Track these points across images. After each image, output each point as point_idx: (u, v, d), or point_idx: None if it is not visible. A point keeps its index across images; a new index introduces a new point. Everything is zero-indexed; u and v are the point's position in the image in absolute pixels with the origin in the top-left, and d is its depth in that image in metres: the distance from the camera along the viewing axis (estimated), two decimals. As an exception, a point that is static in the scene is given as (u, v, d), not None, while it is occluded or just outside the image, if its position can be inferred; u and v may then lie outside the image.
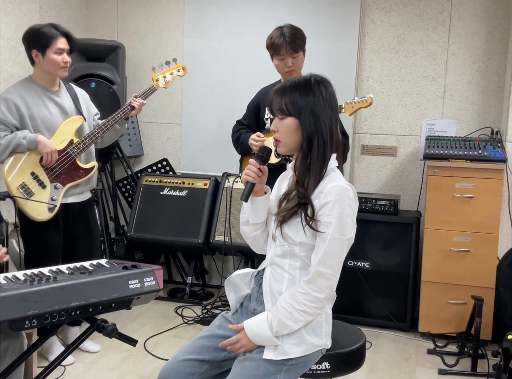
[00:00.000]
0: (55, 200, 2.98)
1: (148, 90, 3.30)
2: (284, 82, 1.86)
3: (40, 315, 1.88)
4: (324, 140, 1.78)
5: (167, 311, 4.02)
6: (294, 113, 1.79)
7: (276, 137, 1.85)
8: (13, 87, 3.01)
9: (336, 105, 1.85)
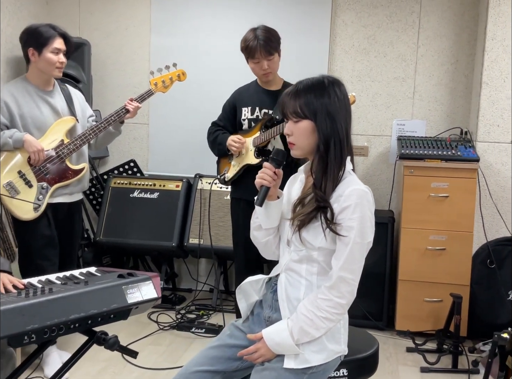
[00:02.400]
0: (41, 199, 2.92)
1: (145, 94, 3.22)
2: (296, 84, 1.80)
3: (39, 329, 1.77)
4: (340, 142, 1.75)
5: (140, 317, 3.89)
6: (310, 115, 1.74)
7: (291, 141, 1.80)
8: (5, 86, 2.97)
9: (350, 106, 1.82)
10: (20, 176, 2.89)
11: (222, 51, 4.25)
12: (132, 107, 3.11)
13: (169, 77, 3.30)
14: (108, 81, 4.52)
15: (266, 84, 3.19)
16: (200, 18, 4.32)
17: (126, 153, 4.56)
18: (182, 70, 3.36)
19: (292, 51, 4.12)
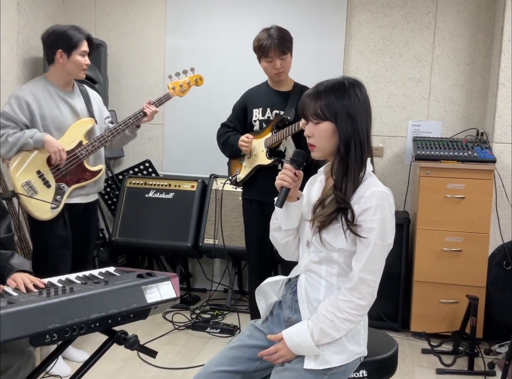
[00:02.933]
0: (59, 200, 2.94)
1: (163, 98, 3.25)
2: (316, 86, 1.81)
3: (61, 328, 1.78)
4: (361, 144, 1.75)
5: (156, 317, 3.91)
6: (330, 117, 1.75)
7: (311, 142, 1.80)
8: (27, 85, 3.00)
9: (370, 107, 1.82)
10: (39, 176, 2.92)
11: (237, 53, 4.26)
12: (149, 111, 3.13)
13: (186, 82, 3.33)
14: (124, 82, 4.55)
15: (277, 85, 3.20)
16: (215, 19, 4.34)
17: (141, 153, 4.58)
18: (199, 75, 3.38)
19: (307, 52, 4.13)
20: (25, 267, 2.19)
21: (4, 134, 2.86)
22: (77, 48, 2.93)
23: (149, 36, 4.49)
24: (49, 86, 2.98)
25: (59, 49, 2.91)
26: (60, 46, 2.91)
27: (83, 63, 2.97)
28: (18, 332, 1.68)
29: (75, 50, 2.92)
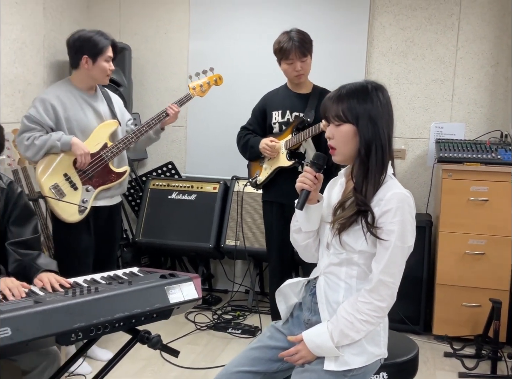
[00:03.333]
0: (86, 202, 2.98)
1: (184, 98, 3.28)
2: (339, 88, 1.82)
3: (86, 327, 1.82)
4: (382, 147, 1.76)
5: (178, 317, 3.95)
6: (352, 119, 1.76)
7: (332, 144, 1.82)
8: (51, 88, 3.04)
9: (392, 111, 1.83)
10: (66, 179, 2.95)
11: (259, 55, 4.28)
12: (172, 111, 3.16)
13: (206, 82, 3.36)
14: (147, 85, 4.61)
15: (296, 87, 3.22)
16: (237, 23, 4.37)
17: (164, 155, 4.63)
18: (219, 75, 3.41)
19: (329, 54, 4.14)
20: (51, 267, 2.24)
21: (31, 137, 2.88)
22: (102, 54, 2.96)
23: (172, 40, 4.54)
24: (73, 89, 3.02)
25: (85, 55, 2.94)
26: (85, 52, 2.94)
27: (107, 69, 3.00)
28: (44, 330, 1.72)
29: (100, 56, 2.95)
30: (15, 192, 2.36)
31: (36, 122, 2.90)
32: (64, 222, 2.97)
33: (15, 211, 2.33)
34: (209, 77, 3.39)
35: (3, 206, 2.30)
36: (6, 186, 2.32)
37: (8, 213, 2.31)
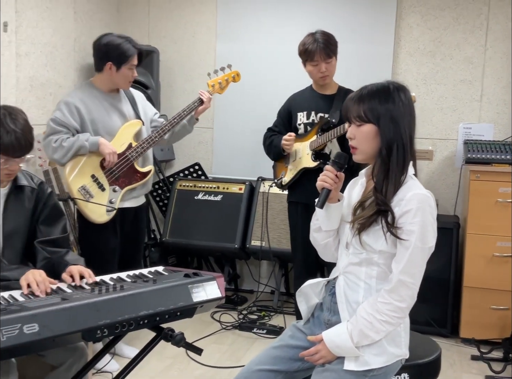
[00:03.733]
0: (113, 202, 3.02)
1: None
2: (361, 89, 1.83)
3: (111, 324, 1.86)
4: (404, 147, 1.76)
5: (203, 316, 3.99)
6: (373, 120, 1.77)
7: (353, 145, 1.83)
8: (75, 91, 3.07)
9: (414, 111, 1.83)
10: (94, 180, 2.99)
11: (284, 56, 4.29)
12: (206, 96, 3.20)
13: (225, 79, 3.39)
14: (176, 87, 4.66)
15: (321, 88, 3.22)
16: (264, 25, 4.39)
17: (191, 156, 4.68)
18: (237, 71, 3.45)
19: (356, 56, 4.14)
20: (79, 263, 2.29)
21: (58, 140, 2.91)
22: (127, 62, 2.97)
23: (200, 42, 4.59)
24: (96, 91, 3.04)
25: (110, 61, 2.96)
26: (111, 59, 2.95)
27: (130, 76, 3.02)
28: (71, 327, 1.77)
29: (125, 64, 2.97)
30: (45, 192, 2.42)
31: (62, 124, 2.93)
32: (92, 223, 3.00)
33: (45, 210, 2.39)
34: (227, 74, 3.42)
35: (33, 206, 2.36)
36: (37, 186, 2.39)
37: (38, 212, 2.37)
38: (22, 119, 2.16)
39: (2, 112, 2.12)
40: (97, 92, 3.05)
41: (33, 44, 3.72)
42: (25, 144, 2.13)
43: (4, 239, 2.26)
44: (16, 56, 3.57)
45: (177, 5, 4.61)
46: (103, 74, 3.03)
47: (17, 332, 1.65)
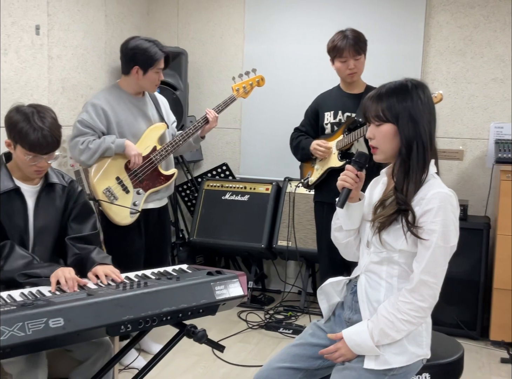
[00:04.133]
0: (137, 205, 3.03)
1: (228, 100, 3.34)
2: (379, 88, 1.82)
3: (134, 320, 1.89)
4: (424, 145, 1.74)
5: (230, 315, 4.02)
6: (392, 119, 1.75)
7: (373, 145, 1.82)
8: (101, 93, 3.08)
9: (434, 109, 1.81)
10: (118, 182, 3.00)
11: (312, 57, 4.30)
12: (211, 116, 3.21)
13: (249, 83, 3.41)
14: (204, 88, 4.71)
15: (349, 87, 3.21)
16: (292, 25, 4.40)
17: (219, 157, 4.71)
18: (261, 76, 3.46)
19: (385, 54, 4.11)
20: (106, 261, 2.33)
21: (85, 141, 2.93)
22: (154, 66, 2.97)
23: (228, 43, 4.62)
24: (122, 94, 3.06)
25: (137, 65, 2.97)
26: (138, 63, 2.96)
27: (157, 79, 3.03)
28: (95, 321, 1.81)
29: (151, 68, 2.97)
30: (76, 190, 2.48)
31: (88, 126, 2.94)
32: (116, 226, 3.02)
33: (75, 208, 2.45)
34: (251, 78, 3.43)
35: (64, 203, 2.42)
36: (68, 184, 2.44)
37: (68, 210, 2.43)
38: (50, 117, 2.21)
39: (30, 110, 2.18)
40: (124, 94, 3.07)
41: (64, 47, 3.80)
42: (52, 141, 2.19)
43: (35, 235, 2.32)
44: (48, 59, 3.66)
45: (205, 7, 4.65)
46: (130, 77, 3.04)
47: (42, 326, 1.70)
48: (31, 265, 2.16)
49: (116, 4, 4.33)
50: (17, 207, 2.25)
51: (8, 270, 2.13)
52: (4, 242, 2.18)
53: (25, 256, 2.18)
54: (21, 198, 2.26)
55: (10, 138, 2.22)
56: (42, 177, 2.34)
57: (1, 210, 2.20)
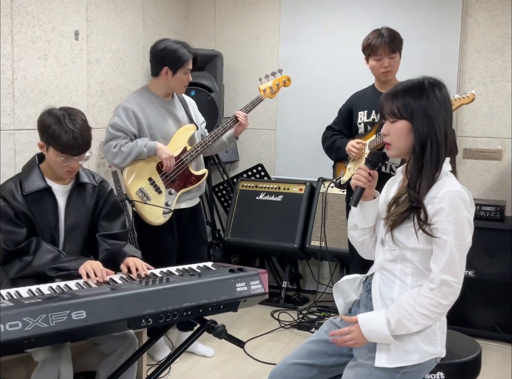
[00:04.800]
0: (170, 205, 3.10)
1: (256, 100, 3.38)
2: (396, 85, 1.83)
3: (155, 314, 1.95)
4: (438, 143, 1.74)
5: (264, 314, 4.06)
6: (406, 116, 1.76)
7: (387, 141, 1.83)
8: (132, 96, 3.15)
9: (450, 108, 1.81)
10: (151, 183, 3.07)
11: (346, 57, 4.29)
12: (241, 117, 3.24)
13: (275, 84, 3.44)
14: (240, 90, 4.77)
15: (383, 86, 3.19)
16: (326, 26, 4.41)
17: (254, 157, 4.77)
18: (287, 76, 3.49)
19: (421, 53, 4.08)
20: (136, 254, 2.42)
21: (118, 145, 2.98)
22: (183, 67, 3.04)
23: (263, 45, 4.67)
24: (152, 96, 3.12)
25: (166, 66, 3.03)
26: (167, 64, 3.03)
27: (185, 80, 3.09)
28: (116, 315, 1.89)
29: (180, 69, 3.04)
30: (106, 190, 2.58)
31: (120, 130, 3.01)
32: (149, 226, 3.08)
33: (106, 207, 2.55)
34: (278, 79, 3.46)
35: (94, 202, 2.52)
36: (98, 184, 2.55)
37: (99, 208, 2.53)
38: (80, 120, 2.31)
39: (61, 113, 2.28)
40: (153, 97, 3.13)
41: (103, 51, 3.93)
42: (82, 143, 2.28)
43: (66, 232, 2.43)
44: (87, 63, 3.80)
45: (242, 11, 4.71)
46: (159, 79, 3.10)
47: (65, 318, 1.79)
48: (59, 259, 2.26)
49: (154, 9, 4.44)
50: (48, 206, 2.35)
51: (37, 265, 2.24)
52: (30, 238, 2.29)
53: (52, 250, 2.29)
54: (52, 197, 2.36)
55: (42, 140, 2.33)
56: (73, 177, 2.44)
57: (33, 208, 2.31)
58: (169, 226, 3.15)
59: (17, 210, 2.28)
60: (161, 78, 3.10)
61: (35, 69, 3.42)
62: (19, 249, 2.26)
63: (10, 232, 2.26)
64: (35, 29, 3.39)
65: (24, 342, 1.72)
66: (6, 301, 1.84)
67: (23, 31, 3.32)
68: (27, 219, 2.30)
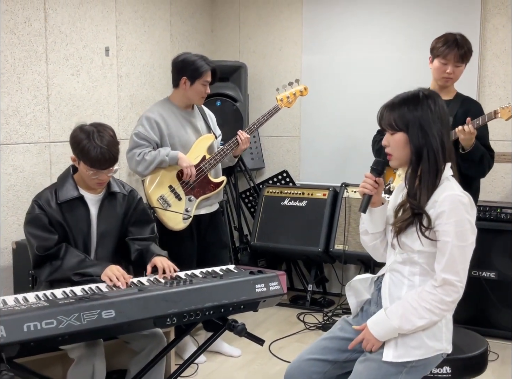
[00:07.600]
0: (189, 211, 3.25)
1: (273, 110, 3.51)
2: (393, 98, 1.94)
3: (179, 313, 2.10)
4: (434, 153, 1.84)
5: (290, 317, 4.18)
6: (403, 128, 1.87)
7: (388, 152, 1.95)
8: (154, 107, 3.32)
9: (446, 118, 1.90)
10: (171, 190, 3.23)
11: (368, 65, 4.39)
12: (241, 138, 3.36)
13: (293, 93, 3.57)
14: (264, 98, 4.90)
15: (440, 91, 3.07)
16: (348, 35, 4.52)
17: (280, 164, 4.90)
18: (304, 86, 3.62)
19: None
20: (162, 253, 2.58)
21: (141, 153, 3.14)
22: (200, 78, 3.18)
23: (286, 55, 4.81)
24: (173, 107, 3.29)
25: (184, 76, 3.20)
26: (185, 74, 3.19)
27: (203, 92, 3.24)
28: (143, 314, 2.04)
29: (198, 80, 3.19)
30: (135, 198, 2.75)
31: (144, 138, 3.16)
32: (169, 231, 3.23)
33: (135, 214, 2.72)
34: (295, 88, 3.59)
35: (124, 210, 2.69)
36: (128, 193, 2.72)
37: (128, 216, 2.70)
38: (108, 135, 2.47)
39: (91, 129, 2.45)
40: (174, 107, 3.29)
41: (132, 66, 4.13)
42: (109, 158, 2.44)
43: (98, 239, 2.60)
44: (117, 78, 3.99)
45: (266, 23, 4.86)
46: (179, 90, 3.27)
47: (96, 317, 1.95)
48: (83, 263, 2.42)
49: (181, 24, 4.62)
50: (81, 214, 2.53)
51: (65, 269, 2.41)
52: (60, 244, 2.46)
53: (78, 255, 2.46)
54: (84, 205, 2.54)
55: (74, 154, 2.50)
56: (104, 187, 2.61)
57: (67, 216, 2.49)
58: (189, 231, 3.28)
59: (51, 217, 2.45)
60: (180, 89, 3.26)
61: (69, 84, 3.62)
62: (49, 254, 2.43)
63: (43, 238, 2.43)
64: (68, 47, 3.60)
65: (59, 338, 1.89)
66: (42, 301, 2.02)
67: (56, 49, 3.53)
68: (61, 226, 2.48)
